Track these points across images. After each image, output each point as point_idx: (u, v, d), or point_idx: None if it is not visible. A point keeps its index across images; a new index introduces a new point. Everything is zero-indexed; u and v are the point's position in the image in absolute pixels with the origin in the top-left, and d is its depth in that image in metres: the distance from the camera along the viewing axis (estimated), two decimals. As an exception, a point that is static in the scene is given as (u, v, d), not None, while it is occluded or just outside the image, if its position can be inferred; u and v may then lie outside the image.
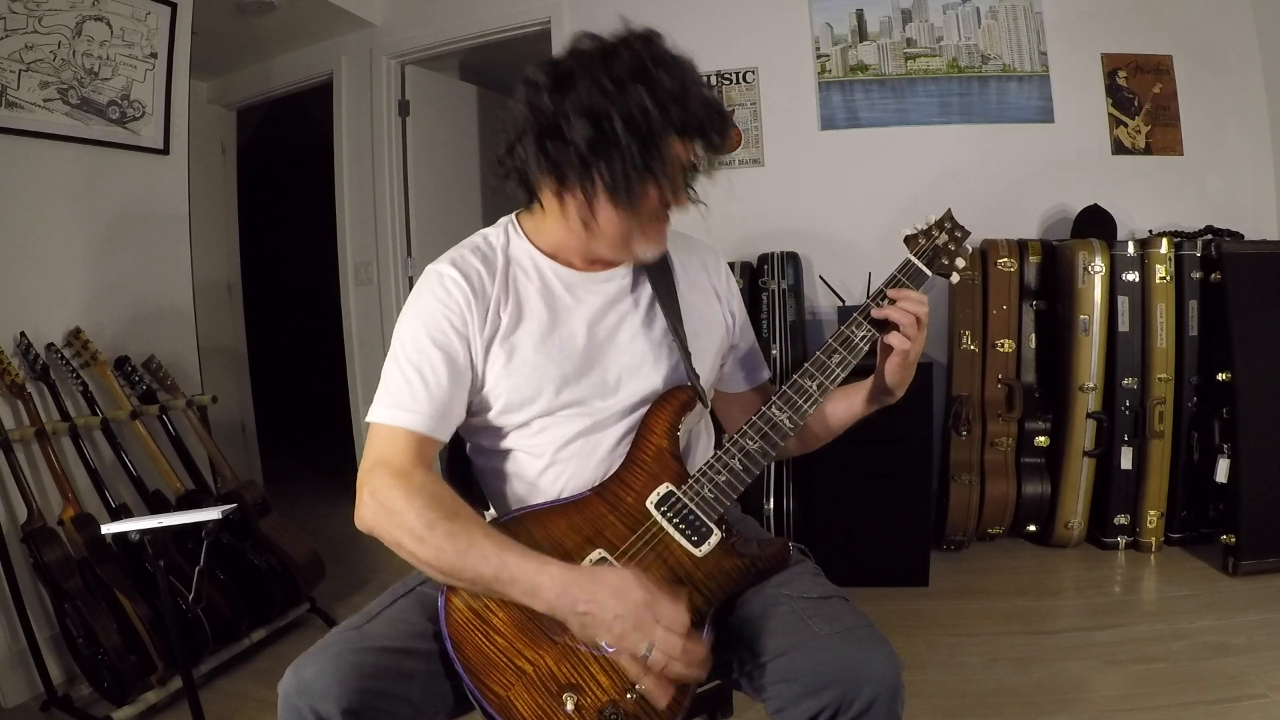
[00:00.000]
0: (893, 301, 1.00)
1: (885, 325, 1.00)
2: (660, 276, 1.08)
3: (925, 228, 1.07)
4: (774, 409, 0.98)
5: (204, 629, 2.02)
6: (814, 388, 0.99)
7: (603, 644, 0.88)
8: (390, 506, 0.90)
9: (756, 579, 0.98)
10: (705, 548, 0.95)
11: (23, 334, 2.09)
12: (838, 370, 1.00)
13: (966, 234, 1.09)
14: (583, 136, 0.90)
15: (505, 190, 1.04)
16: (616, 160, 0.90)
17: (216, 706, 1.92)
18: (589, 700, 0.88)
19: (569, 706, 0.88)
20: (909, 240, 1.07)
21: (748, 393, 1.22)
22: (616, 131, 0.89)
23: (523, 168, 0.97)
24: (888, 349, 1.01)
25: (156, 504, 2.21)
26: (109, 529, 1.49)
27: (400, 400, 0.97)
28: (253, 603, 2.20)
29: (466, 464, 1.14)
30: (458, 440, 1.12)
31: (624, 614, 0.83)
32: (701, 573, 0.94)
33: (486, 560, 0.87)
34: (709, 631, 0.93)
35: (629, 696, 0.88)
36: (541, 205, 1.03)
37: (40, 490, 2.03)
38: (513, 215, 1.11)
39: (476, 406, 1.04)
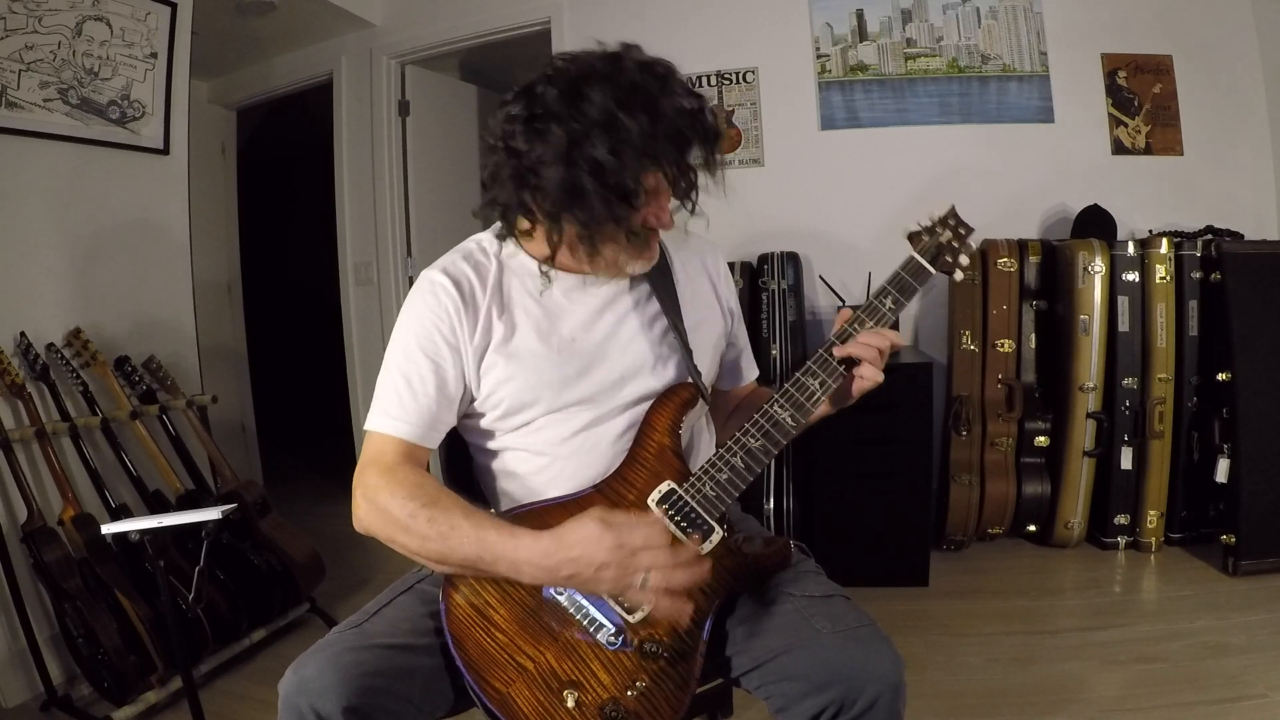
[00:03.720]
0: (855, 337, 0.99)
1: (853, 360, 0.99)
2: (659, 273, 1.08)
3: (929, 224, 1.05)
4: (776, 407, 0.98)
5: (204, 629, 2.02)
6: (816, 386, 0.99)
7: (596, 615, 0.90)
8: (379, 503, 0.92)
9: (758, 578, 0.98)
10: (707, 546, 0.95)
11: (23, 334, 2.09)
12: (840, 367, 1.00)
13: (970, 230, 1.07)
14: (554, 186, 0.88)
15: (491, 217, 1.04)
16: (586, 209, 0.89)
17: (216, 706, 1.92)
18: (590, 697, 0.89)
19: (570, 703, 0.88)
20: (912, 238, 1.05)
21: (740, 389, 1.22)
22: (584, 186, 0.87)
23: (505, 204, 0.97)
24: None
25: (156, 504, 2.21)
26: (109, 529, 1.49)
27: (389, 409, 0.98)
28: (253, 603, 2.20)
29: (467, 462, 1.14)
30: (458, 439, 1.12)
31: (606, 561, 0.84)
32: None
33: (467, 542, 0.87)
34: (709, 629, 0.93)
35: (629, 693, 0.89)
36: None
37: (40, 490, 2.03)
38: None
39: (475, 411, 1.04)
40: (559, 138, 0.87)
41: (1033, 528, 2.68)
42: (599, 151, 0.86)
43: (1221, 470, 2.37)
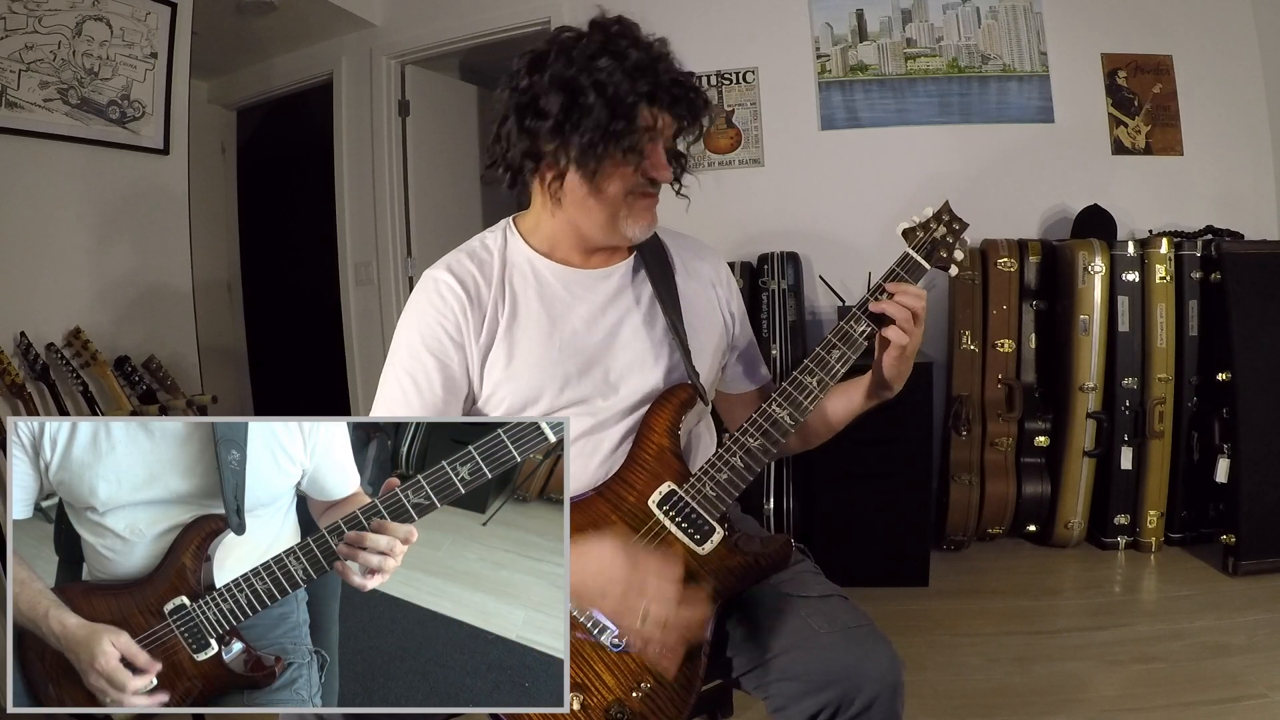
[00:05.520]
0: (890, 296, 0.98)
1: (883, 320, 0.99)
2: (660, 273, 1.08)
3: (923, 220, 1.05)
4: (774, 406, 0.98)
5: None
6: (814, 384, 0.99)
7: (600, 618, 0.89)
8: None
9: (759, 576, 0.98)
10: (708, 546, 0.95)
11: (23, 334, 2.09)
12: (838, 366, 0.99)
13: (964, 226, 1.06)
14: (556, 106, 0.93)
15: (498, 187, 1.05)
16: (588, 127, 0.92)
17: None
18: (595, 700, 0.89)
19: (575, 706, 0.88)
20: (907, 234, 1.05)
21: (749, 393, 1.22)
22: (588, 100, 0.92)
23: (508, 153, 0.99)
24: (885, 343, 1.00)
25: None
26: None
27: (394, 409, 0.98)
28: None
29: None
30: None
31: (613, 585, 0.84)
32: (705, 571, 0.94)
33: None
34: (711, 629, 0.93)
35: (634, 695, 0.89)
36: (530, 189, 1.05)
37: (40, 490, 2.03)
38: (510, 218, 1.12)
39: (480, 411, 1.04)
40: (560, 68, 0.94)
41: (1033, 528, 2.68)
42: (598, 72, 0.93)
43: (1221, 470, 2.37)
